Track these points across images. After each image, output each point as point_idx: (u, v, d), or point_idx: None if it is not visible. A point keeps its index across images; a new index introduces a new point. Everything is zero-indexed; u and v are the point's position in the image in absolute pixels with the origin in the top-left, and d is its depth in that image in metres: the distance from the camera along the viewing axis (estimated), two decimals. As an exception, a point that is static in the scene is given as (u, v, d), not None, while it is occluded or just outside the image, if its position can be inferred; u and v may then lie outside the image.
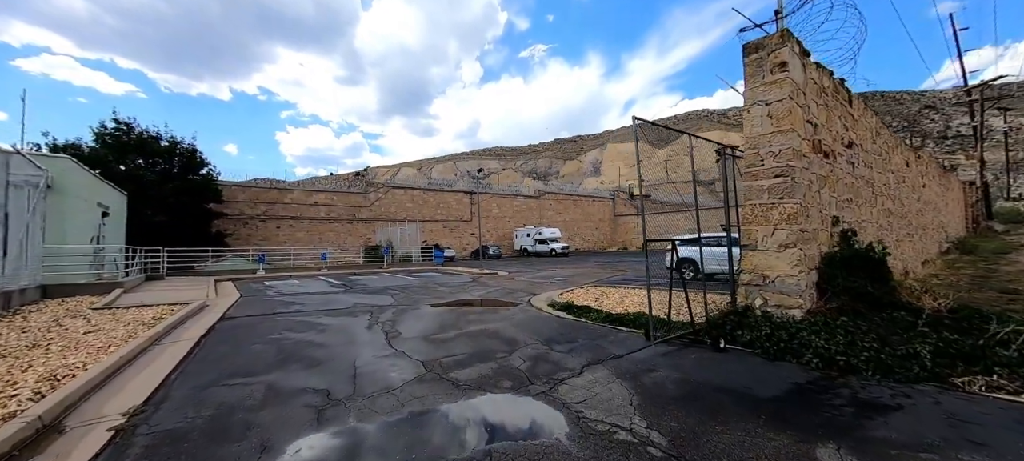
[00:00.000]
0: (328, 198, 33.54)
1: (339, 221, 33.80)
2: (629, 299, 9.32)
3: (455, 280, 16.11)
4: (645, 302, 8.65)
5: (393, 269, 22.58)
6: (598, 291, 10.94)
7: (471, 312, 8.58)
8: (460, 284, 14.53)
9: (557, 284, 13.50)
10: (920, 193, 14.24)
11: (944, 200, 20.06)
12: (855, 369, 4.30)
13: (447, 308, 9.18)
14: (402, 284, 14.63)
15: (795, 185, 5.68)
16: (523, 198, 46.69)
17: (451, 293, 11.84)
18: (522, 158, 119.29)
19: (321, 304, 10.03)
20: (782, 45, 5.76)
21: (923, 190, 14.97)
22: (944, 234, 18.58)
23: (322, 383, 4.37)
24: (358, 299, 10.80)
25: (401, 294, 11.68)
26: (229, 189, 28.97)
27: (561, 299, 9.51)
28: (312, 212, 32.66)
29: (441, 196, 40.15)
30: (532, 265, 25.00)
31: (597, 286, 12.23)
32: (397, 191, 37.45)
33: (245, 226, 29.79)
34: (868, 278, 6.00)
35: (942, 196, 19.58)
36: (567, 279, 15.19)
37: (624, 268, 19.95)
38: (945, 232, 19.02)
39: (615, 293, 10.40)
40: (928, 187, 15.95)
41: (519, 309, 8.78)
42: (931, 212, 16.06)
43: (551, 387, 4.16)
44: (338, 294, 11.92)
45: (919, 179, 14.35)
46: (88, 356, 5.27)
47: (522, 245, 40.54)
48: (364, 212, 35.09)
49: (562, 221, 46.95)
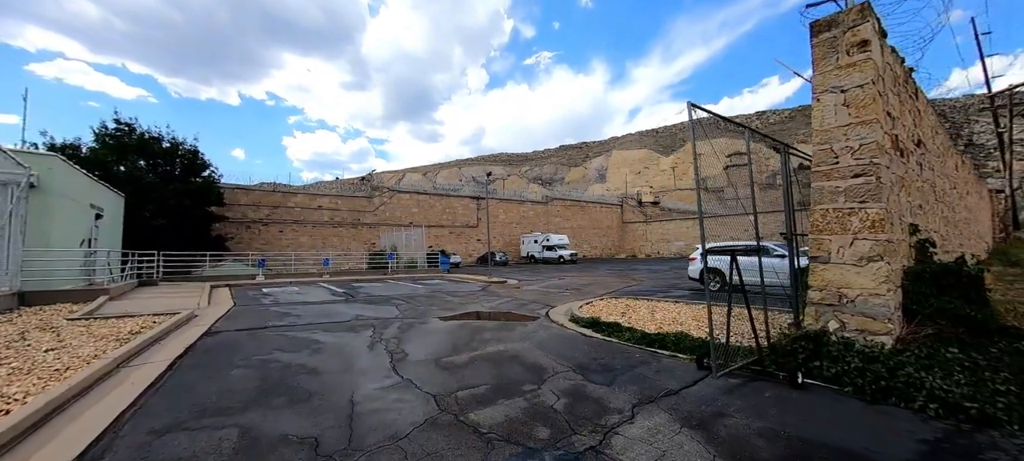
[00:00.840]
0: (332, 202, 32.85)
1: (343, 225, 33.08)
2: (660, 314, 8.36)
3: (463, 288, 15.21)
4: (681, 319, 7.72)
5: (398, 276, 21.73)
6: (622, 303, 9.99)
7: (485, 328, 7.66)
8: (469, 293, 13.63)
9: (572, 294, 12.57)
10: (965, 200, 13.21)
11: (979, 208, 18.96)
12: (993, 421, 3.33)
13: (458, 322, 8.27)
14: (407, 293, 13.75)
15: (880, 186, 4.74)
16: (530, 203, 45.83)
17: (461, 304, 10.94)
18: (527, 164, 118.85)
19: (319, 316, 9.15)
20: (862, 21, 4.87)
21: (966, 197, 13.93)
22: (984, 244, 17.46)
23: (310, 427, 3.47)
24: (360, 310, 9.92)
25: (406, 305, 10.79)
26: (231, 192, 28.34)
27: (583, 313, 8.58)
28: (316, 216, 31.96)
29: (447, 201, 39.37)
30: (541, 273, 24.06)
31: (618, 297, 11.29)
32: (402, 195, 36.72)
33: (247, 230, 29.11)
34: (962, 298, 5.03)
35: (977, 204, 18.49)
36: (582, 288, 14.26)
37: (639, 277, 18.96)
38: (984, 242, 17.90)
39: (642, 306, 9.45)
40: (970, 194, 14.90)
41: (538, 325, 7.85)
42: (973, 221, 15.00)
43: (601, 440, 3.23)
44: (338, 305, 11.05)
45: (963, 185, 13.33)
46: (37, 383, 4.41)
47: (529, 252, 39.61)
48: (369, 216, 34.35)
49: (569, 228, 46.00)
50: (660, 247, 47.68)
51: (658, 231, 48.78)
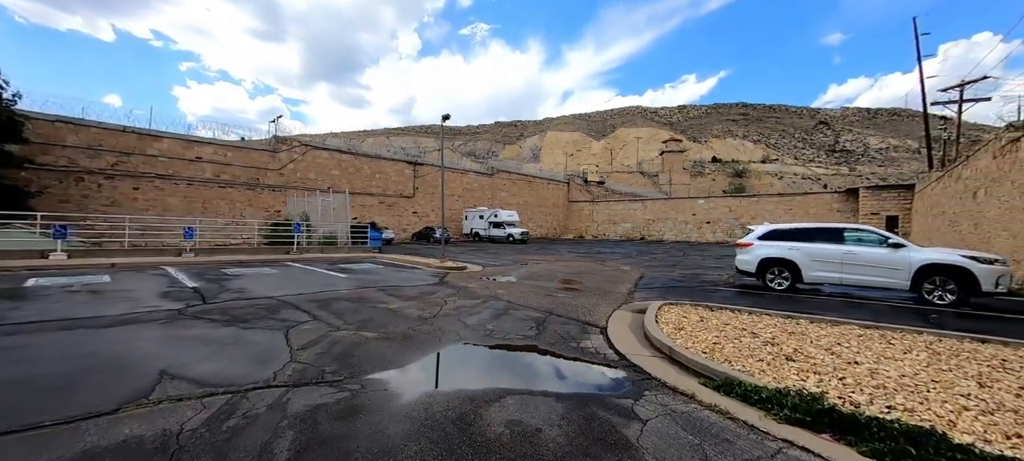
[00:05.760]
0: (219, 152, 24.71)
1: (235, 186, 25.20)
2: (829, 346, 4.24)
3: (410, 282, 10.07)
4: (915, 370, 3.60)
5: (308, 255, 15.68)
6: (695, 314, 5.77)
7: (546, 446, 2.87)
8: (420, 290, 8.57)
9: (568, 291, 8.13)
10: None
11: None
12: None
13: (464, 419, 3.38)
14: (318, 291, 8.25)
15: None
16: (474, 174, 40.68)
17: (422, 325, 5.87)
18: (461, 138, 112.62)
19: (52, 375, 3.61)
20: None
21: None
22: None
23: None
24: (182, 356, 4.45)
25: (310, 328, 5.40)
26: (48, 126, 19.34)
27: (716, 363, 4.15)
28: (193, 170, 23.74)
29: (377, 164, 32.69)
30: (493, 253, 19.49)
31: (672, 302, 7.08)
32: (320, 153, 29.37)
33: (79, 184, 20.30)
34: None
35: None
36: (576, 275, 9.97)
37: (620, 264, 15.20)
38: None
39: (757, 324, 5.28)
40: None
41: (645, 405, 3.27)
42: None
43: None
44: (149, 329, 5.33)
45: None
46: None
47: (473, 228, 34.73)
48: (272, 176, 26.73)
49: (516, 203, 41.79)
50: (606, 229, 45.66)
51: (605, 212, 46.65)
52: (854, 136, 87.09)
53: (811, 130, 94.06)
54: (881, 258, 7.85)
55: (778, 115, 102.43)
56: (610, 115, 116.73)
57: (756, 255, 9.18)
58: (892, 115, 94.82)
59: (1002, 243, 11.01)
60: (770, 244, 9.12)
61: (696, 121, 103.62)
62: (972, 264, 7.07)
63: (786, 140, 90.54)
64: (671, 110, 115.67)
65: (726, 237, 37.03)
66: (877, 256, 7.90)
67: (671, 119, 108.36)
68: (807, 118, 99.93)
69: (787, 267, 8.78)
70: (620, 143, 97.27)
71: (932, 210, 20.11)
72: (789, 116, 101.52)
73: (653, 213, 42.97)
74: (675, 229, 40.69)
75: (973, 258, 7.17)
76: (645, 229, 42.78)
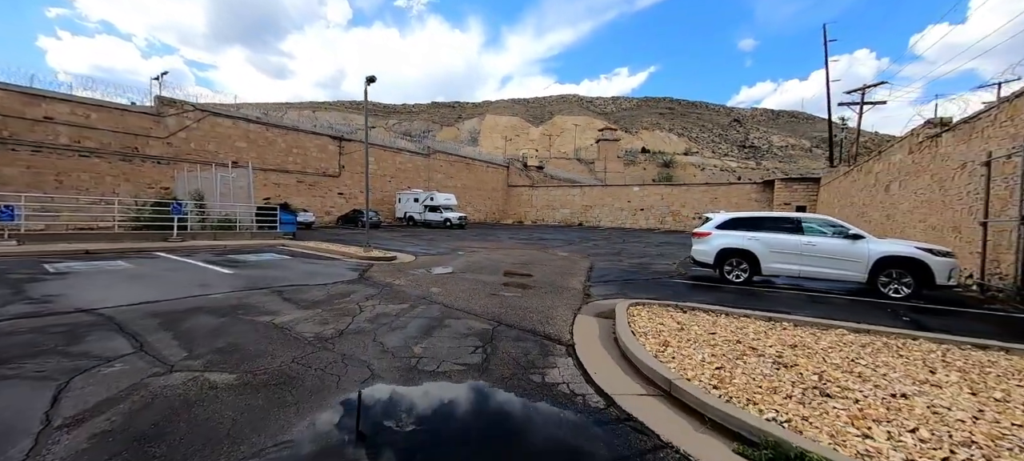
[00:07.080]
0: (78, 112, 19.72)
1: (103, 155, 20.39)
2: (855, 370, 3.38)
3: (318, 278, 8.11)
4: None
5: (194, 243, 12.72)
6: (673, 321, 4.76)
7: None
8: (329, 291, 6.73)
9: (513, 288, 6.89)
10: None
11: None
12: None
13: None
14: (177, 297, 6.06)
15: None
16: (408, 154, 37.82)
17: (318, 352, 4.15)
18: (395, 117, 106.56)
19: None
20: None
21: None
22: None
23: None
24: None
25: (109, 384, 3.47)
26: None
27: (741, 410, 3.02)
28: (41, 133, 18.68)
29: (295, 137, 28.75)
30: (429, 240, 17.74)
31: (663, 305, 6.04)
32: (222, 121, 24.93)
33: None
34: None
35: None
36: (521, 266, 8.76)
37: (561, 251, 14.33)
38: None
39: (756, 330, 4.36)
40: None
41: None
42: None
43: None
44: None
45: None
46: None
47: (408, 212, 32.26)
48: (157, 146, 22.12)
49: (454, 186, 39.77)
50: (545, 214, 45.39)
51: (544, 197, 46.29)
52: (760, 134, 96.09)
53: (726, 127, 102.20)
54: (840, 250, 7.52)
55: (699, 111, 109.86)
56: (548, 102, 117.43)
57: (714, 245, 8.55)
58: (792, 117, 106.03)
59: (917, 233, 11.67)
60: (728, 234, 8.53)
61: (628, 112, 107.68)
62: (928, 256, 6.89)
63: (706, 135, 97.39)
64: (606, 100, 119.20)
65: (658, 224, 38.40)
66: (836, 247, 7.56)
67: (606, 109, 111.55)
68: (723, 115, 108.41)
69: (746, 258, 8.24)
70: (558, 130, 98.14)
71: (841, 201, 21.81)
72: (709, 113, 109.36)
73: (590, 199, 43.34)
74: (611, 215, 41.39)
75: (928, 251, 7.00)
76: (582, 215, 43.07)
